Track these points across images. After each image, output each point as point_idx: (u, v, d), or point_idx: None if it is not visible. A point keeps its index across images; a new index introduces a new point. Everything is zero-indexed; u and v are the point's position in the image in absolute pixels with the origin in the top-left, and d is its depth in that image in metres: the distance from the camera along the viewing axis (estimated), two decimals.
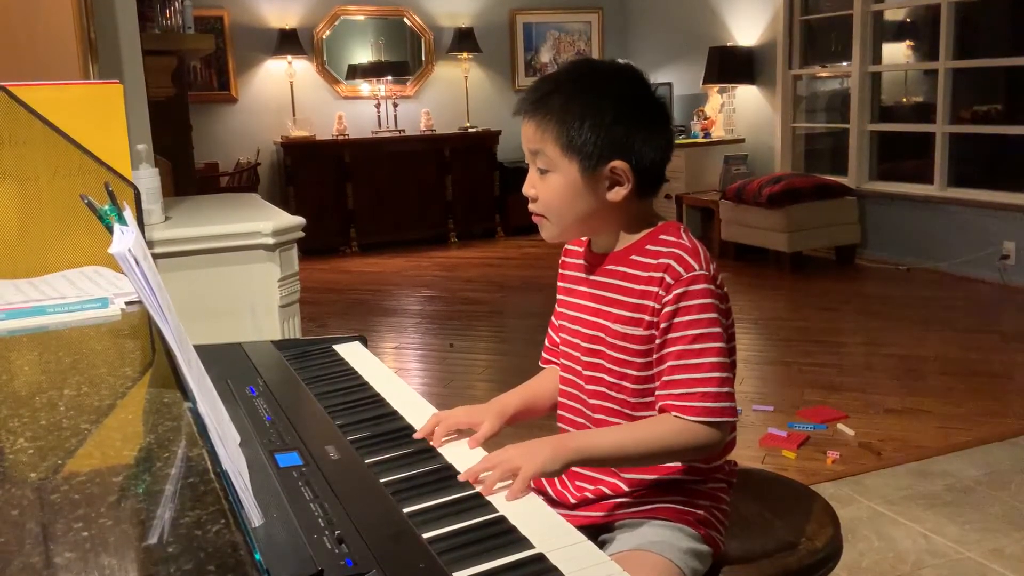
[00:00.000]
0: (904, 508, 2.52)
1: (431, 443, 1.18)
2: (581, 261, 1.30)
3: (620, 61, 1.26)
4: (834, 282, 5.54)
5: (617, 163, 1.16)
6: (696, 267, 1.16)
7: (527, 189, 1.22)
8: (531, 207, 1.23)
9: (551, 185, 1.19)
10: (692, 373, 1.14)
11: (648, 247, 1.20)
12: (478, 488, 1.05)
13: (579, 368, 1.27)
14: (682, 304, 1.15)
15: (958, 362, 3.83)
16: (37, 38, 2.11)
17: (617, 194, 1.18)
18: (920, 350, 4.02)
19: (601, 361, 1.24)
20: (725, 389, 1.14)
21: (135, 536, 0.70)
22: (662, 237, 1.20)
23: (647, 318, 1.18)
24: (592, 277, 1.26)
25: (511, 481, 1.05)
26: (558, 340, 1.35)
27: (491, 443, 1.21)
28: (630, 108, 1.17)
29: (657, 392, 1.18)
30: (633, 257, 1.21)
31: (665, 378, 1.16)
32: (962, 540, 2.34)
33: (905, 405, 3.32)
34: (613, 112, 1.15)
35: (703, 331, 1.14)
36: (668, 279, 1.16)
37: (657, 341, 1.17)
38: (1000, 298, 4.96)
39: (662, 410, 1.16)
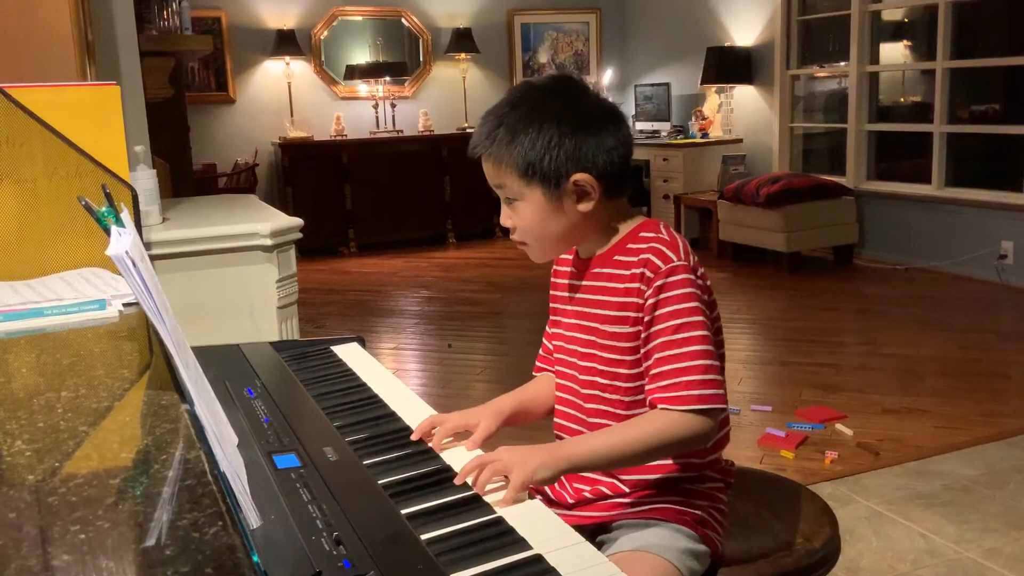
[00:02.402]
0: (902, 508, 2.52)
1: (430, 446, 1.18)
2: (570, 269, 1.32)
3: (556, 74, 1.28)
4: (832, 282, 5.55)
5: (577, 176, 1.18)
6: (674, 259, 1.17)
7: (504, 221, 1.25)
8: (512, 237, 1.26)
9: (523, 213, 1.22)
10: (677, 363, 1.14)
11: (629, 245, 1.22)
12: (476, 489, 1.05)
13: (575, 373, 1.28)
14: (662, 296, 1.16)
15: (956, 362, 3.84)
16: (34, 40, 2.11)
17: (587, 205, 1.20)
18: (918, 350, 4.03)
19: (595, 364, 1.25)
20: (711, 376, 1.14)
21: (133, 538, 0.70)
22: (642, 234, 1.22)
23: (632, 315, 1.19)
24: (581, 282, 1.28)
25: (502, 480, 1.05)
26: (552, 348, 1.36)
27: (488, 445, 1.21)
28: (574, 120, 1.18)
29: (646, 387, 1.18)
30: (616, 257, 1.23)
31: (652, 371, 1.17)
32: (960, 540, 2.34)
33: (903, 405, 3.32)
34: (558, 129, 1.17)
35: (684, 320, 1.15)
36: (648, 273, 1.17)
37: (643, 335, 1.18)
38: (998, 298, 4.97)
39: (651, 404, 1.17)
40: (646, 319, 1.17)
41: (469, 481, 1.06)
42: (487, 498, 1.03)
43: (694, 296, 1.16)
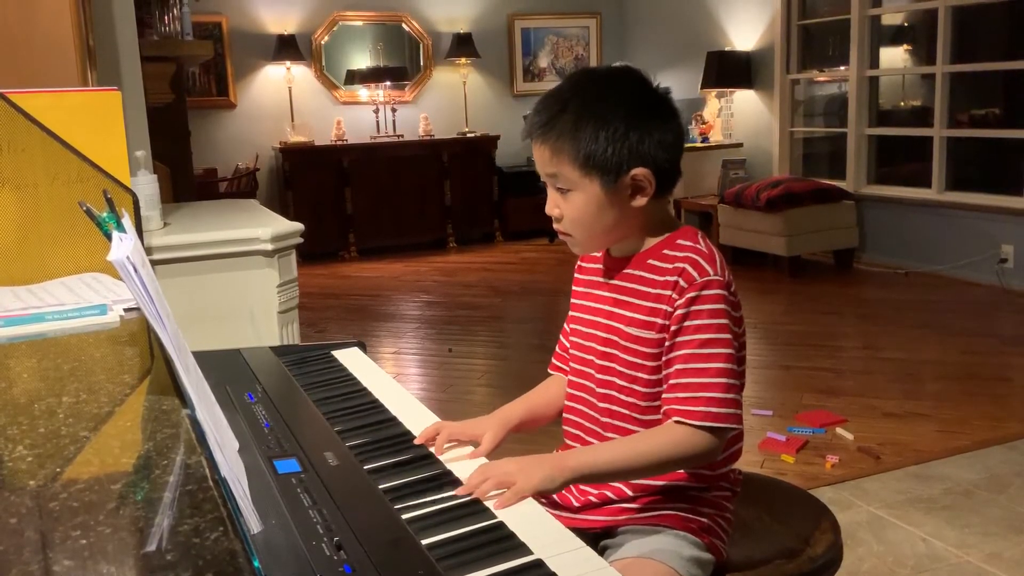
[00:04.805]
0: (903, 512, 2.52)
1: (431, 451, 1.17)
2: (599, 266, 1.29)
3: (617, 64, 1.26)
4: (833, 286, 5.55)
5: (638, 171, 1.16)
6: (711, 272, 1.16)
7: (550, 209, 1.21)
8: (556, 226, 1.22)
9: (574, 204, 1.18)
10: (698, 377, 1.13)
11: (665, 251, 1.20)
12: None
13: (592, 372, 1.27)
14: (693, 308, 1.15)
15: (956, 366, 3.83)
16: (36, 45, 2.12)
17: (641, 200, 1.18)
18: (919, 354, 4.02)
19: (614, 365, 1.23)
20: (731, 395, 1.13)
21: (134, 544, 0.70)
22: (679, 242, 1.20)
23: (660, 321, 1.18)
24: (610, 281, 1.26)
25: (504, 491, 1.04)
26: (568, 346, 1.34)
27: (494, 456, 1.20)
28: (639, 111, 1.16)
29: (663, 396, 1.17)
30: (650, 261, 1.21)
31: (671, 381, 1.15)
32: (961, 544, 2.34)
33: (904, 409, 3.32)
34: (624, 120, 1.15)
35: (713, 336, 1.14)
36: (682, 283, 1.16)
37: (667, 344, 1.17)
38: (998, 301, 4.97)
39: (666, 414, 1.16)
40: (673, 328, 1.16)
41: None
42: (487, 503, 1.03)
43: (724, 313, 1.15)
